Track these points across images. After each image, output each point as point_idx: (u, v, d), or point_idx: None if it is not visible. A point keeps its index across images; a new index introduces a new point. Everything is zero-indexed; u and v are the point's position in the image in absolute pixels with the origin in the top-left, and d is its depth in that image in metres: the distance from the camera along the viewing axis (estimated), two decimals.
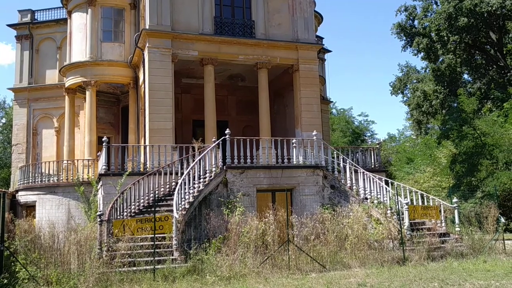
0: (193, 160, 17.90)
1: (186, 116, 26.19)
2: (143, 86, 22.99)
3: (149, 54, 21.81)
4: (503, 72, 36.23)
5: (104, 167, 18.45)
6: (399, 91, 45.89)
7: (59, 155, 28.40)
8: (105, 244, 13.59)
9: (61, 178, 23.24)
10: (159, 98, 21.51)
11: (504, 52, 36.43)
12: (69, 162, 24.05)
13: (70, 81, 26.11)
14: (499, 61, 36.65)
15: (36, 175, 23.91)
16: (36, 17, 31.39)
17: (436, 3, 38.07)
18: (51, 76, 30.31)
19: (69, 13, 27.20)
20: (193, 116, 26.16)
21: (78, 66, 25.58)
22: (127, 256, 13.13)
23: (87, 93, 25.20)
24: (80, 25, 26.04)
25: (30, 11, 31.22)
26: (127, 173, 18.05)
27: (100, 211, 15.02)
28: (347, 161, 19.45)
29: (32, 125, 29.90)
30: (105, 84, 26.24)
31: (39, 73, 30.56)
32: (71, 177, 22.82)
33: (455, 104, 36.02)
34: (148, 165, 19.14)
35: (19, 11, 31.36)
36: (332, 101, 47.24)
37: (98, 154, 21.83)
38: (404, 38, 39.68)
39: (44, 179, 23.44)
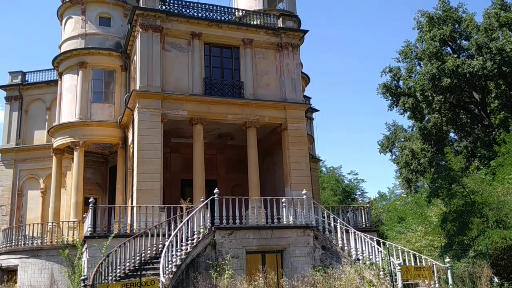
0: (181, 221, 17.52)
1: (174, 176, 26.01)
2: (132, 146, 22.95)
3: (139, 115, 21.93)
4: (488, 130, 36.88)
5: (89, 229, 17.98)
6: (387, 150, 46.28)
7: (44, 217, 27.83)
8: None
9: (45, 241, 22.60)
10: (147, 158, 21.42)
11: (488, 111, 37.26)
12: (54, 224, 23.48)
13: (59, 141, 26.03)
14: (483, 120, 37.40)
15: (20, 238, 23.24)
16: (26, 78, 31.79)
17: (419, 64, 39.24)
18: (39, 137, 30.28)
19: (60, 75, 27.57)
20: (182, 175, 25.99)
21: (67, 127, 25.60)
22: None
23: (75, 153, 25.07)
24: (71, 86, 26.32)
25: (21, 72, 31.66)
26: (113, 235, 17.56)
27: (84, 275, 14.46)
28: (338, 221, 19.19)
29: (18, 186, 29.50)
30: (93, 144, 26.20)
31: (27, 134, 30.55)
32: (56, 240, 22.19)
33: (443, 163, 36.27)
34: (135, 227, 18.70)
35: (10, 72, 31.78)
36: (321, 160, 47.53)
37: (84, 215, 21.35)
38: (390, 97, 40.49)
39: (27, 242, 22.76)
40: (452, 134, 41.66)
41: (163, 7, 23.70)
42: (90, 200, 18.38)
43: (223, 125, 24.65)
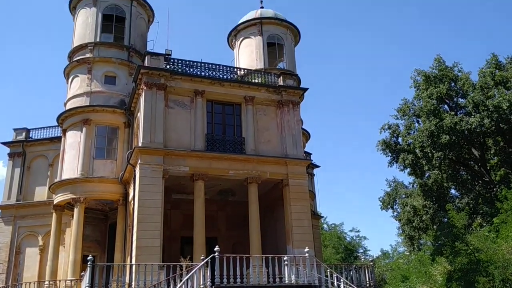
0: (181, 280, 17.17)
1: (174, 233, 25.72)
2: (132, 202, 22.85)
3: (140, 171, 22.00)
4: (489, 187, 36.82)
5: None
6: (388, 206, 45.97)
7: (41, 275, 27.21)
8: None
9: None
10: (148, 214, 21.27)
11: (488, 168, 37.37)
12: (50, 283, 22.99)
13: (59, 198, 25.96)
14: (484, 176, 37.43)
15: None
16: (31, 135, 32.15)
17: (417, 121, 39.77)
18: (40, 193, 30.21)
19: (64, 131, 27.89)
20: (182, 232, 25.71)
21: (68, 183, 25.60)
22: None
23: (75, 210, 24.91)
24: (74, 142, 26.56)
25: (25, 129, 32.04)
26: None
27: None
28: (341, 280, 18.77)
29: (16, 243, 29.08)
30: (94, 201, 26.10)
31: (28, 190, 30.51)
32: None
33: (446, 219, 35.97)
34: (133, 286, 18.26)
35: (15, 129, 32.17)
36: (322, 216, 47.07)
37: (81, 274, 20.90)
38: (390, 154, 40.72)
39: None
40: (453, 191, 41.55)
41: (168, 66, 24.39)
42: (88, 258, 18.04)
43: (224, 181, 24.67)
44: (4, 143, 31.94)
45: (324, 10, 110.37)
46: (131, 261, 21.02)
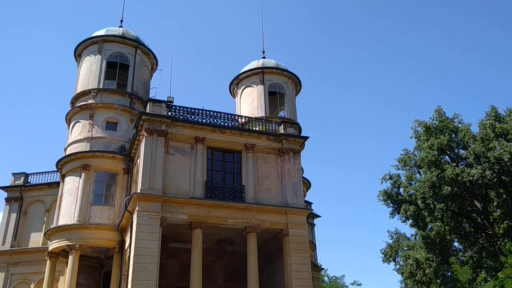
0: None
1: (170, 283, 25.00)
2: (128, 250, 22.35)
3: (138, 218, 21.64)
4: (493, 240, 36.13)
5: None
6: (390, 259, 44.97)
7: None
8: None
9: None
10: (144, 263, 20.73)
11: (491, 220, 36.80)
12: None
13: (54, 244, 25.44)
14: (487, 229, 36.81)
15: None
16: (29, 180, 31.93)
17: (419, 172, 39.54)
18: (35, 239, 29.66)
19: (63, 176, 27.70)
20: (178, 282, 25.00)
21: (64, 230, 25.17)
22: None
23: (70, 257, 24.35)
24: (72, 188, 26.31)
25: (24, 174, 31.87)
26: None
27: None
28: None
29: None
30: (89, 248, 25.59)
31: (23, 236, 30.02)
32: None
33: (449, 273, 35.08)
34: None
35: (13, 174, 32.01)
36: (323, 268, 45.94)
37: None
38: (391, 204, 40.22)
39: None
40: (456, 243, 40.77)
41: (169, 113, 24.53)
42: None
43: (223, 229, 24.22)
44: (1, 188, 31.68)
45: (325, 62, 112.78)
46: None
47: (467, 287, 27.10)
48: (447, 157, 39.00)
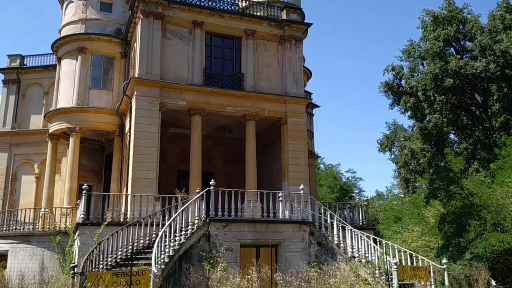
0: (176, 212, 17.22)
1: (171, 166, 25.67)
2: (128, 134, 22.63)
3: (136, 102, 21.60)
4: (489, 133, 36.63)
5: (82, 216, 17.68)
6: (386, 149, 46.02)
7: (38, 203, 27.45)
8: None
9: (37, 227, 22.28)
10: (144, 146, 21.10)
11: (489, 114, 37.00)
12: (46, 210, 23.17)
13: (55, 127, 25.69)
14: (484, 122, 37.15)
15: (11, 222, 22.91)
16: (25, 62, 31.37)
17: (422, 64, 38.96)
18: (36, 122, 29.87)
19: (59, 59, 27.18)
20: (178, 166, 25.63)
21: (64, 112, 25.26)
22: None
23: (71, 139, 24.73)
24: (69, 71, 25.94)
25: (20, 56, 31.21)
26: (105, 223, 17.24)
27: (74, 263, 14.16)
28: (335, 218, 18.91)
29: (12, 170, 29.10)
30: (90, 131, 25.87)
31: (23, 118, 30.14)
32: (48, 226, 21.87)
33: (442, 164, 36.04)
34: (128, 215, 18.41)
35: (9, 55, 31.33)
36: (320, 156, 47.20)
37: (77, 202, 21.03)
38: (392, 96, 40.25)
39: (19, 227, 22.44)
40: (452, 136, 41.43)
41: None
42: (83, 187, 18.08)
43: (222, 117, 24.31)
44: None
45: None
46: (127, 192, 21.10)
47: (458, 177, 27.91)
48: (452, 49, 38.16)
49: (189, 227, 16.47)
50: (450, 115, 37.61)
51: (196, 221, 16.70)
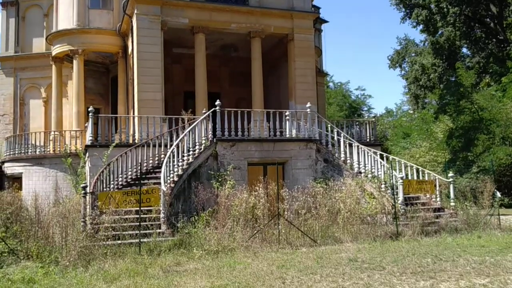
0: (183, 132, 17.31)
1: (177, 87, 25.45)
2: (132, 55, 22.23)
3: (137, 22, 20.99)
4: (503, 46, 35.50)
5: (90, 138, 17.87)
6: (397, 65, 45.14)
7: (47, 126, 27.68)
8: (89, 217, 13.09)
9: (49, 150, 22.67)
10: (148, 67, 20.79)
11: (504, 26, 35.60)
12: (56, 133, 23.43)
13: (57, 49, 25.27)
14: (498, 34, 35.87)
15: (23, 146, 23.32)
16: None
17: None
18: (38, 45, 29.33)
19: None
20: (185, 87, 25.38)
21: (64, 34, 24.71)
22: (111, 229, 12.64)
23: (75, 62, 24.41)
24: None
25: None
26: (113, 144, 17.47)
27: (84, 183, 14.51)
28: (342, 135, 18.91)
29: (19, 95, 29.07)
30: (93, 53, 25.44)
31: (25, 42, 29.56)
32: (59, 149, 22.24)
33: (453, 78, 35.40)
34: (136, 137, 18.57)
35: None
36: (328, 74, 46.59)
37: (86, 125, 21.20)
38: (403, 9, 38.75)
39: (31, 150, 22.85)
40: (464, 50, 40.29)
41: None
42: (89, 110, 18.11)
43: (226, 35, 23.64)
44: None
45: None
46: (133, 114, 21.13)
47: (469, 91, 27.48)
48: None
49: (197, 147, 16.62)
50: (463, 28, 36.27)
51: (204, 141, 16.81)
